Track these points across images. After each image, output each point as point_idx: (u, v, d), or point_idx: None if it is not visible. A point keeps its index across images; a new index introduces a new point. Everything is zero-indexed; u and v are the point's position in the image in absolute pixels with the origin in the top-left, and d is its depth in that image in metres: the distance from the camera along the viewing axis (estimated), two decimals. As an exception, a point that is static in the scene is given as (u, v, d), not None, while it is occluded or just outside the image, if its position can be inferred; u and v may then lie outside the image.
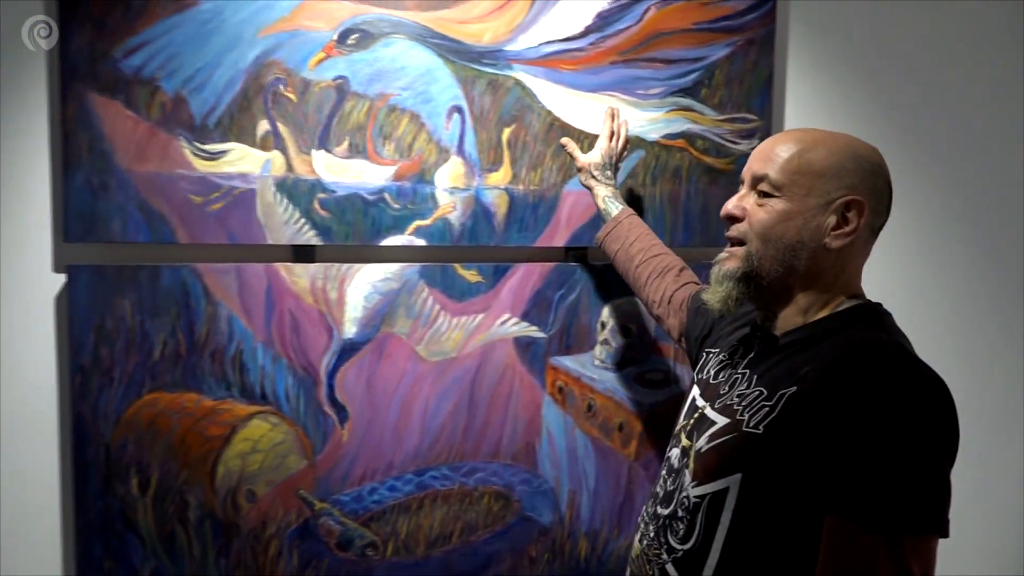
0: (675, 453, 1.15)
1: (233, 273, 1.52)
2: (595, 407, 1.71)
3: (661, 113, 1.71)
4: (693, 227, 1.75)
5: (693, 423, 1.14)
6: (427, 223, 1.61)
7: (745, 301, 1.12)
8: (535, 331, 1.67)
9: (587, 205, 1.67)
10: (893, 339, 1.03)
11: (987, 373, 2.00)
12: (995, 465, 2.02)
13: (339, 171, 1.55)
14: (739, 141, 1.75)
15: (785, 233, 1.06)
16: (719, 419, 1.08)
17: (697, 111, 1.73)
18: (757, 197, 1.09)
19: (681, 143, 1.72)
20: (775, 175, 1.06)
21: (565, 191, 1.67)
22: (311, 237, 1.55)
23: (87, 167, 1.45)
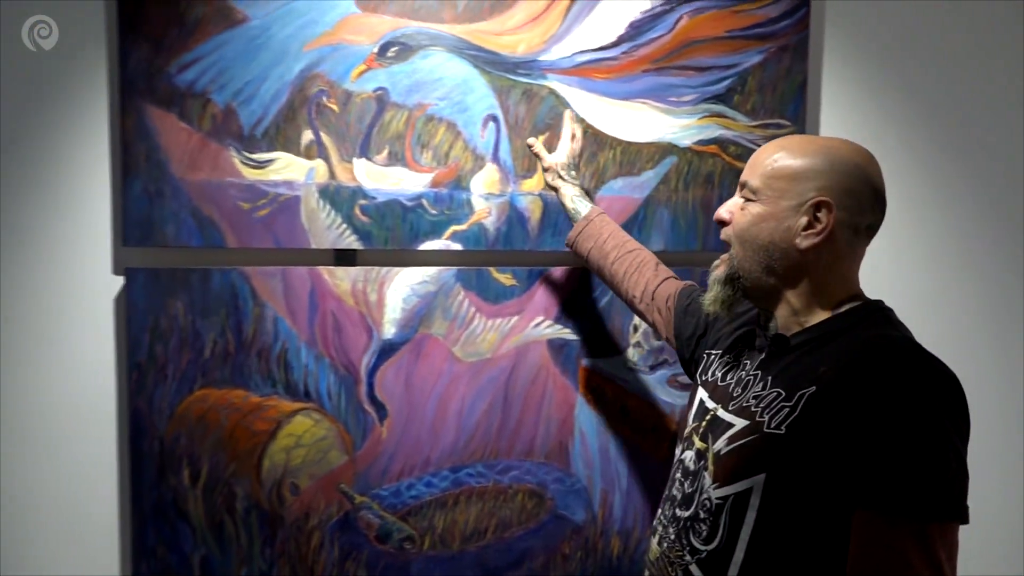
0: (689, 456, 1.18)
1: (279, 276, 1.60)
2: (628, 409, 1.74)
3: (693, 120, 1.73)
4: (726, 232, 1.77)
5: (705, 425, 1.17)
6: (463, 228, 1.66)
7: (741, 302, 1.16)
8: (568, 333, 1.71)
9: (619, 211, 1.71)
10: (904, 336, 1.05)
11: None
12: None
13: (379, 178, 1.62)
14: (772, 146, 1.77)
15: (759, 235, 1.10)
16: (737, 421, 1.11)
17: (729, 117, 1.75)
18: (742, 202, 1.13)
19: (713, 149, 1.74)
20: (753, 180, 1.11)
21: (598, 197, 1.70)
22: (352, 241, 1.62)
23: (144, 175, 1.54)
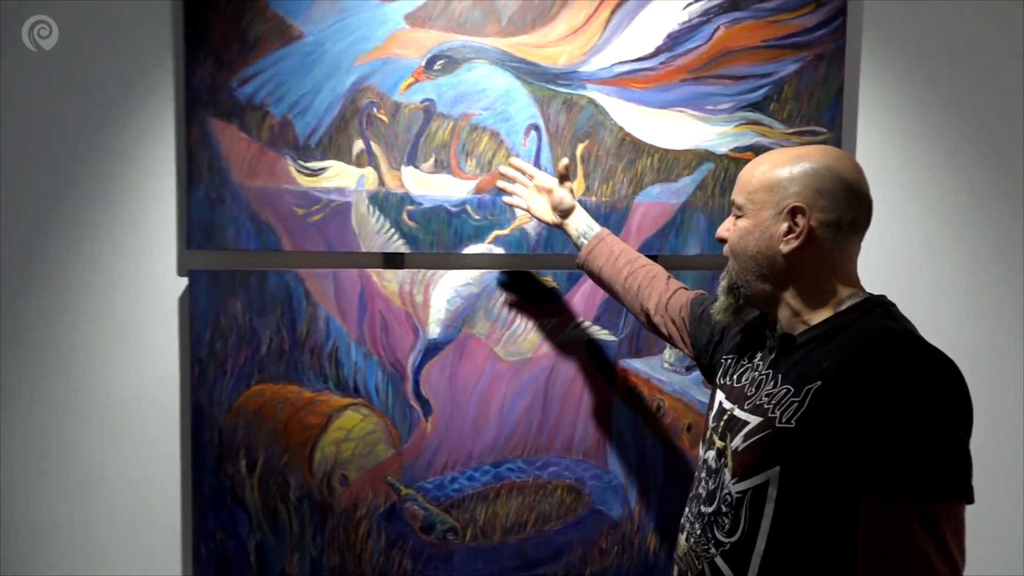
0: (711, 455, 1.24)
1: (330, 278, 1.69)
2: (664, 408, 1.80)
3: (730, 127, 1.78)
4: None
5: (724, 425, 1.22)
6: (505, 232, 1.73)
7: (749, 309, 1.23)
8: (606, 334, 1.77)
9: (656, 216, 1.76)
10: (904, 328, 1.09)
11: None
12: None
13: (425, 185, 1.70)
14: (808, 153, 1.80)
15: (748, 247, 1.17)
16: (751, 419, 1.17)
17: (766, 124, 1.79)
18: (734, 220, 1.21)
19: (749, 156, 1.78)
20: (739, 198, 1.19)
21: (636, 202, 1.76)
22: (400, 245, 1.70)
23: (207, 183, 1.64)
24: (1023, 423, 1.99)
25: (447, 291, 1.72)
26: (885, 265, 1.88)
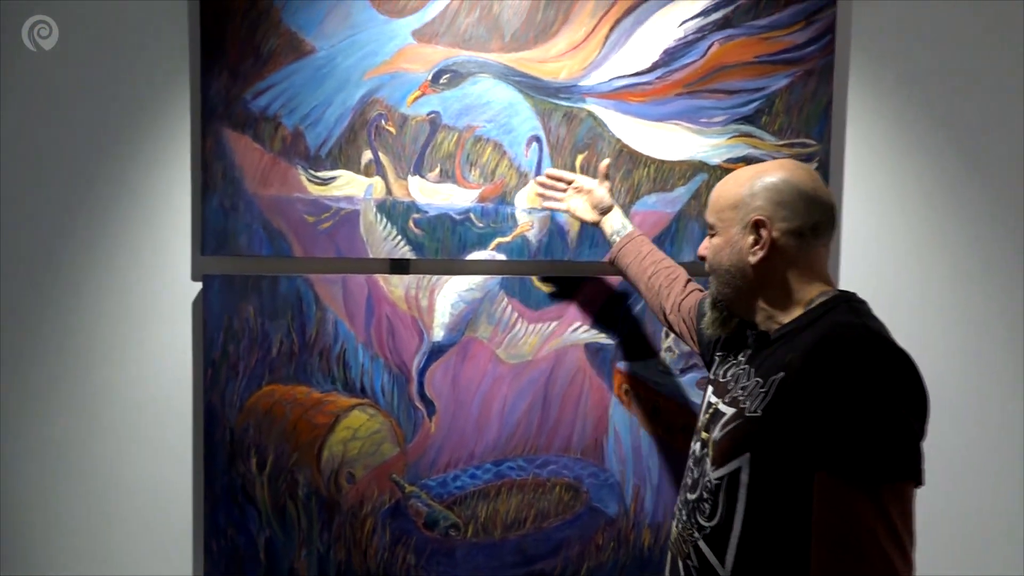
0: (697, 446, 1.32)
1: (339, 283, 1.75)
2: (659, 409, 1.86)
3: (723, 139, 1.85)
4: (754, 244, 1.88)
5: (708, 417, 1.31)
6: (507, 240, 1.80)
7: (735, 318, 1.33)
8: (604, 338, 1.84)
9: (652, 224, 1.83)
10: (860, 321, 1.16)
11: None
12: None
13: (431, 194, 1.77)
14: (798, 165, 1.88)
15: (722, 262, 1.27)
16: (728, 410, 1.26)
17: (757, 137, 1.86)
18: (709, 239, 1.31)
19: (742, 167, 1.85)
20: (711, 218, 1.29)
21: (633, 211, 1.83)
22: (406, 252, 1.77)
23: (221, 191, 1.71)
24: (1022, 423, 2.05)
25: (451, 296, 1.79)
26: (873, 271, 1.95)
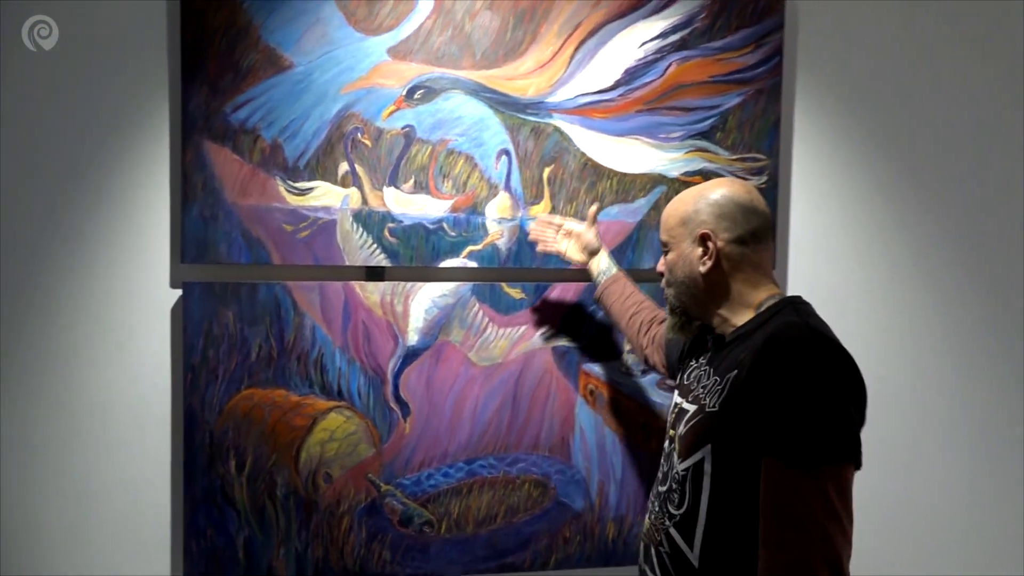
0: (666, 443, 1.44)
1: (317, 289, 1.81)
2: (622, 408, 1.97)
3: (680, 154, 1.97)
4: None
5: (674, 416, 1.43)
6: (479, 248, 1.89)
7: (695, 322, 1.44)
8: (570, 341, 1.94)
9: (616, 233, 1.94)
10: (803, 321, 1.28)
11: (986, 373, 2.21)
12: (995, 464, 2.21)
13: (405, 204, 1.85)
14: (750, 177, 2.00)
15: (677, 275, 1.40)
16: (691, 407, 1.38)
17: (712, 152, 1.98)
18: (664, 256, 1.44)
19: (698, 179, 1.97)
20: (663, 236, 1.43)
21: (597, 221, 1.93)
22: (381, 259, 1.84)
23: (201, 201, 1.76)
24: (951, 410, 2.20)
25: (425, 302, 1.86)
26: (817, 274, 2.09)
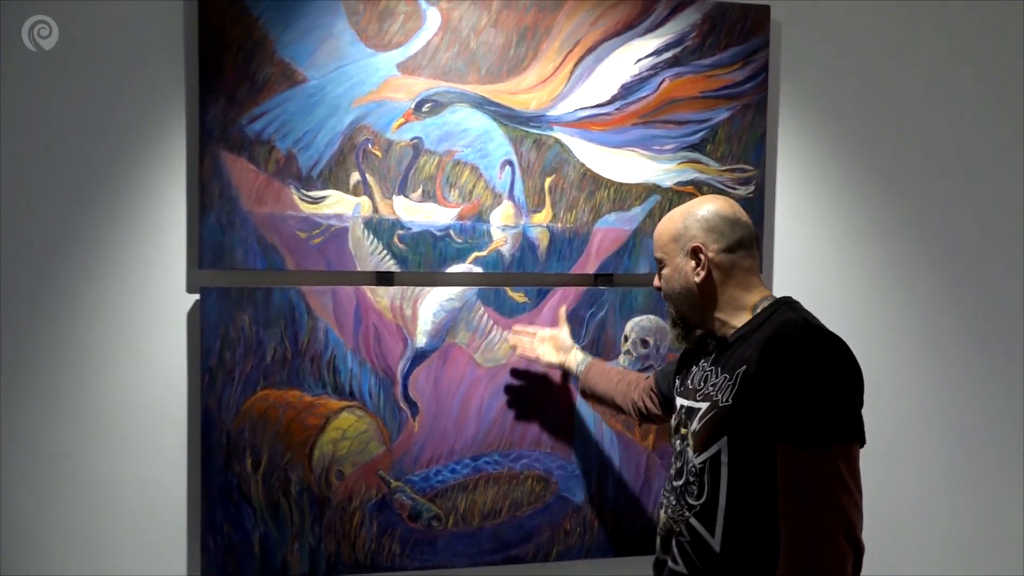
0: (677, 442, 1.53)
1: (329, 294, 1.89)
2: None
3: (673, 165, 2.07)
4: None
5: (683, 417, 1.52)
6: (483, 254, 1.98)
7: (695, 330, 1.55)
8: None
9: (612, 240, 2.04)
10: (801, 318, 1.40)
11: (963, 372, 2.34)
12: (995, 465, 2.32)
13: (414, 212, 1.93)
14: (738, 187, 2.11)
15: (674, 288, 1.51)
16: (703, 405, 1.47)
17: (703, 163, 2.09)
18: (659, 271, 1.55)
19: (690, 189, 2.08)
20: (657, 253, 1.54)
21: (595, 228, 2.03)
22: (391, 265, 1.92)
23: (218, 209, 1.82)
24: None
25: (433, 305, 1.95)
26: (801, 276, 2.21)
